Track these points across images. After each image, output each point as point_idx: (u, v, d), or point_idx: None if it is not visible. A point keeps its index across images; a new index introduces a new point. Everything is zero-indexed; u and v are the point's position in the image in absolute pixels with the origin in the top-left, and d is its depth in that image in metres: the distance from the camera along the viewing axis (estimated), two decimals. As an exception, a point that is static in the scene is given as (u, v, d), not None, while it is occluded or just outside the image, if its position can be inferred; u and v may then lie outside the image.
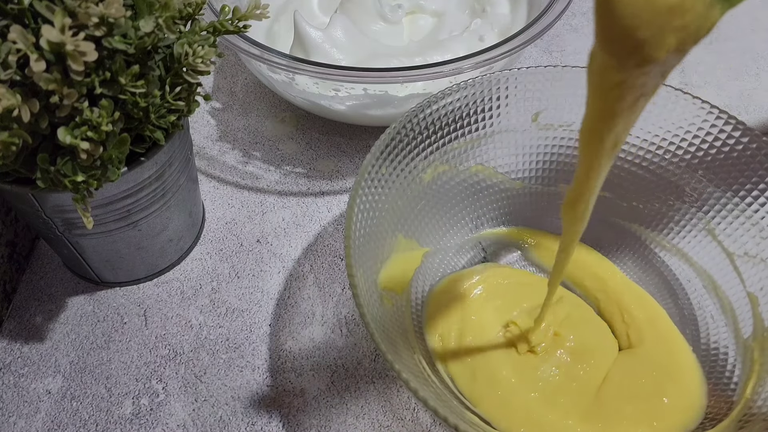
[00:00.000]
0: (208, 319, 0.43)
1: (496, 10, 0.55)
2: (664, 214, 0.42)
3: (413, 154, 0.39)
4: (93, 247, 0.40)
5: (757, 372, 0.35)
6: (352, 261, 0.32)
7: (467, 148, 0.42)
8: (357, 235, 0.34)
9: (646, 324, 0.40)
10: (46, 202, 0.35)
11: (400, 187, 0.39)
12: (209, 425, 0.38)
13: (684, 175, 0.40)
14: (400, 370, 0.29)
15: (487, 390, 0.37)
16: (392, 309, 0.37)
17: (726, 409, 0.35)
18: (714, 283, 0.40)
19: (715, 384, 0.37)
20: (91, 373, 0.41)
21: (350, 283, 0.31)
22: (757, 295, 0.37)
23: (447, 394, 0.35)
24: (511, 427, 0.36)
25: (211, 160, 0.52)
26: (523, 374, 0.38)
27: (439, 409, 0.28)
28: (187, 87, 0.35)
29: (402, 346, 0.35)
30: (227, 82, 0.59)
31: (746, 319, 0.37)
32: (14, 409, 0.39)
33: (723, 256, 0.39)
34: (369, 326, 0.30)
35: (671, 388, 0.37)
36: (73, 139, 0.29)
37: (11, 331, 0.42)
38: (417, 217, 0.42)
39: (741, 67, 0.61)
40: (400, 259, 0.40)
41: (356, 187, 0.35)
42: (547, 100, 0.41)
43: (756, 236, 0.37)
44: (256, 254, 0.46)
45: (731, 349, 0.37)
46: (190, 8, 0.34)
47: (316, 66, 0.43)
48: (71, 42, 0.27)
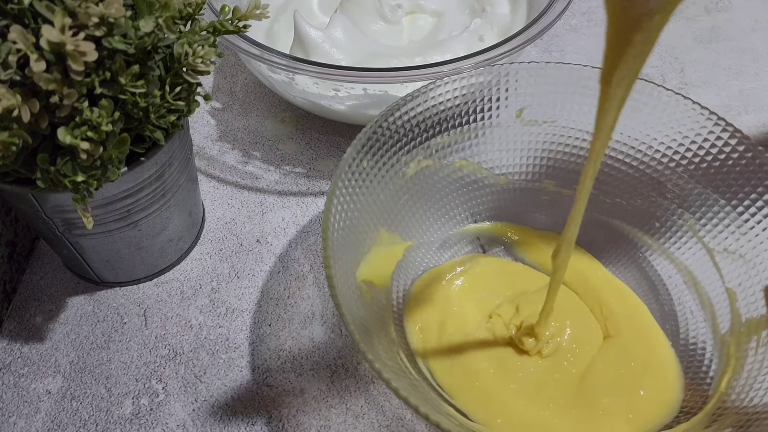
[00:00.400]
0: (208, 319, 0.43)
1: (495, 10, 0.55)
2: (647, 211, 0.42)
3: (395, 148, 0.40)
4: (93, 247, 0.40)
5: (732, 366, 0.35)
6: (330, 252, 0.32)
7: (451, 143, 0.42)
8: (336, 227, 0.34)
9: (625, 318, 0.41)
10: (46, 203, 0.35)
11: (382, 181, 0.40)
12: (209, 425, 0.38)
13: (666, 172, 0.41)
14: (372, 360, 0.29)
15: (465, 381, 0.38)
16: (371, 301, 0.37)
17: (701, 403, 0.35)
18: (694, 279, 0.40)
19: (692, 378, 0.37)
20: (91, 373, 0.41)
21: (326, 273, 0.32)
22: (735, 290, 0.37)
23: (424, 385, 0.36)
24: (487, 418, 0.36)
25: (211, 160, 0.52)
26: (504, 366, 0.38)
27: (411, 398, 0.28)
28: (187, 87, 0.35)
29: (380, 338, 0.35)
30: (227, 82, 0.59)
31: (724, 315, 0.38)
32: (14, 409, 0.39)
33: (703, 253, 0.40)
34: (344, 317, 0.30)
35: (648, 382, 0.37)
36: (73, 139, 0.29)
37: (11, 332, 0.42)
38: (400, 211, 0.42)
39: (740, 67, 0.61)
40: (382, 252, 0.40)
41: (336, 179, 0.35)
42: (532, 96, 0.42)
43: (735, 232, 0.38)
44: (255, 254, 0.46)
45: (709, 344, 0.38)
46: (190, 8, 0.34)
47: (316, 66, 0.43)
48: (71, 42, 0.27)
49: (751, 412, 0.31)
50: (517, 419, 0.36)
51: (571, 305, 0.42)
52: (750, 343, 0.35)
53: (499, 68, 0.41)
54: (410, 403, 0.28)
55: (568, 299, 0.42)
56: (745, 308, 0.36)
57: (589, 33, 0.64)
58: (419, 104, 0.40)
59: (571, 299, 0.42)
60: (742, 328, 0.36)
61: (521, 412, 0.36)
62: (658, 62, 0.61)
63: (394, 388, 0.28)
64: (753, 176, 0.37)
